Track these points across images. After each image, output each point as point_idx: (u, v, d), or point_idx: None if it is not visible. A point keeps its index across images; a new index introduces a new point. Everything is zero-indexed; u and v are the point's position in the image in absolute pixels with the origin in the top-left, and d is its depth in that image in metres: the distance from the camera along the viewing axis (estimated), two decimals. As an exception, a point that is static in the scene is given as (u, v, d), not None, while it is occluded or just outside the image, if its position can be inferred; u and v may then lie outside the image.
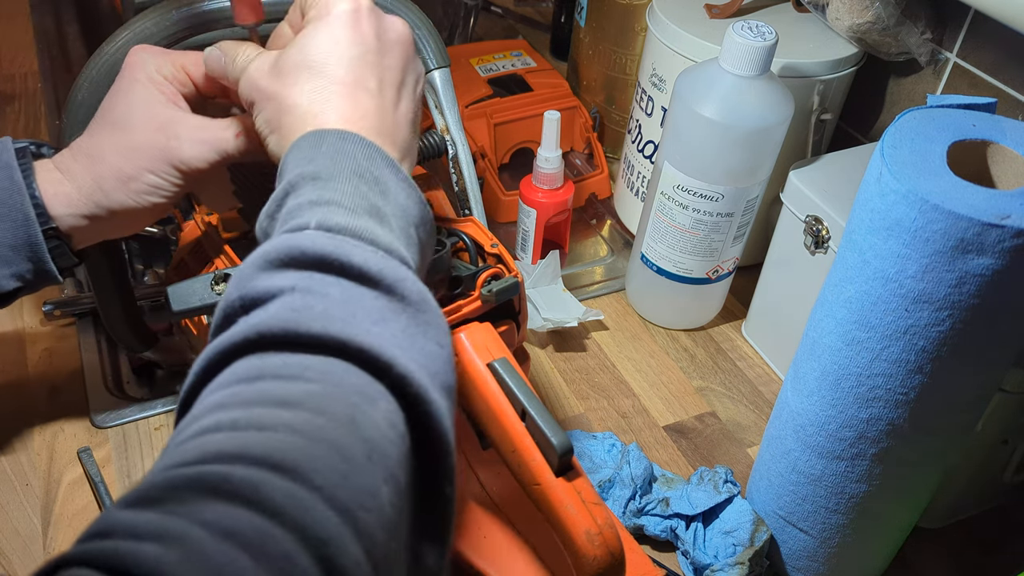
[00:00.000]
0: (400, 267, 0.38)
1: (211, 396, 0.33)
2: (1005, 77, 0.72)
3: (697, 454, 0.72)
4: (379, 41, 0.46)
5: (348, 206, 0.39)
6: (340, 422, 0.32)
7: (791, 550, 0.62)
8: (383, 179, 0.42)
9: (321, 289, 0.36)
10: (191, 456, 0.30)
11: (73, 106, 0.56)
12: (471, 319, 0.54)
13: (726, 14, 0.79)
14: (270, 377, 0.33)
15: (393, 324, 0.36)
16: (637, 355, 0.81)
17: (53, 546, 0.61)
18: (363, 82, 0.44)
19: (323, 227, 0.38)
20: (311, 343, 0.34)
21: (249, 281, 0.37)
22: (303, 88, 0.44)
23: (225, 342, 0.34)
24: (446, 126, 0.67)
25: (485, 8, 1.23)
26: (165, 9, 0.56)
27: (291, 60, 0.45)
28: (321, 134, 0.42)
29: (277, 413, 0.31)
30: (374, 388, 0.34)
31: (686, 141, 0.71)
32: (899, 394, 0.50)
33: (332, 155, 0.41)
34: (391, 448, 0.33)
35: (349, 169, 0.41)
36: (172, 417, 0.70)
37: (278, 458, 0.29)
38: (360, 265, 0.37)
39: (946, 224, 0.43)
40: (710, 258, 0.77)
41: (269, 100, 0.45)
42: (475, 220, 0.61)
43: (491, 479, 0.60)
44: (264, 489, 0.28)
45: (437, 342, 0.38)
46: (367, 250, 0.38)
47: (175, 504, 0.27)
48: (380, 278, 0.37)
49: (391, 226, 0.40)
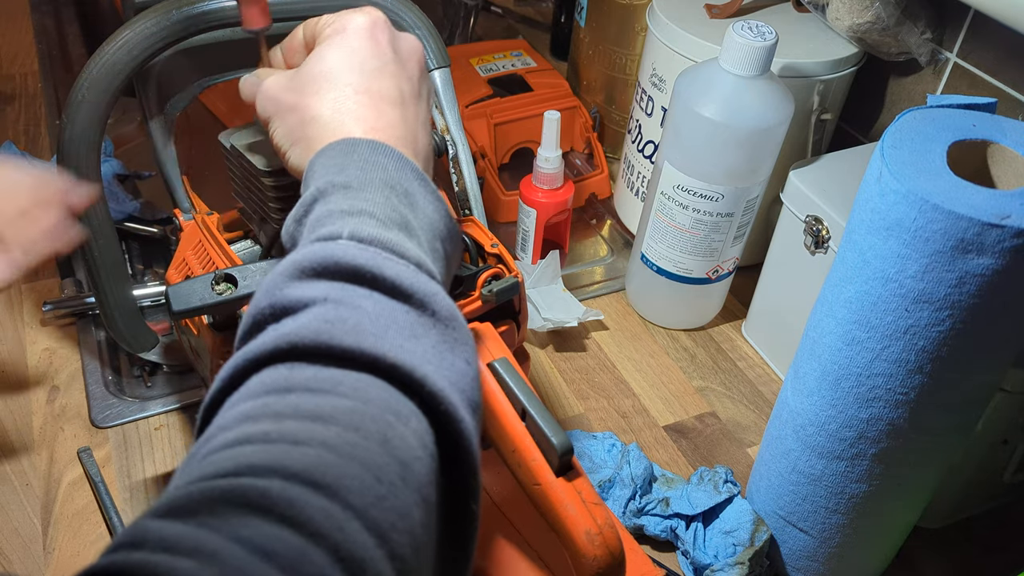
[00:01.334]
0: (430, 282, 0.38)
1: (240, 406, 0.32)
2: (1005, 77, 0.72)
3: (697, 454, 0.72)
4: (396, 53, 0.46)
5: (380, 217, 0.39)
6: (374, 440, 0.31)
7: (791, 550, 0.62)
8: (412, 191, 0.41)
9: (354, 301, 0.35)
10: (225, 467, 0.29)
11: (73, 106, 0.56)
12: (471, 319, 0.54)
13: (726, 14, 0.79)
14: (301, 390, 0.32)
15: (424, 340, 0.36)
16: (637, 355, 0.81)
17: (53, 546, 0.61)
18: (385, 92, 0.45)
19: (356, 238, 0.38)
20: (343, 356, 0.33)
21: (280, 289, 0.36)
22: (325, 98, 0.44)
23: (254, 350, 0.34)
24: (446, 126, 0.66)
25: (485, 8, 1.23)
26: (165, 9, 0.56)
27: (311, 72, 0.45)
28: (352, 143, 0.42)
29: (311, 427, 0.31)
30: (406, 406, 0.34)
31: (686, 141, 0.71)
32: (899, 394, 0.50)
33: (363, 165, 0.41)
34: (422, 467, 0.32)
35: (380, 180, 0.40)
36: (172, 417, 0.70)
37: (315, 475, 0.29)
38: (393, 279, 0.36)
39: (946, 224, 0.43)
40: (710, 258, 0.77)
41: (290, 111, 0.45)
42: (475, 220, 0.61)
43: (491, 479, 0.60)
44: (302, 507, 0.27)
45: (465, 359, 0.37)
46: (399, 263, 0.37)
47: (210, 517, 0.27)
48: (412, 292, 0.37)
49: (419, 239, 0.40)
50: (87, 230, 0.60)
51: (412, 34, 0.49)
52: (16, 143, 0.92)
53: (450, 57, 0.66)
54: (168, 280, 0.64)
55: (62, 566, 0.60)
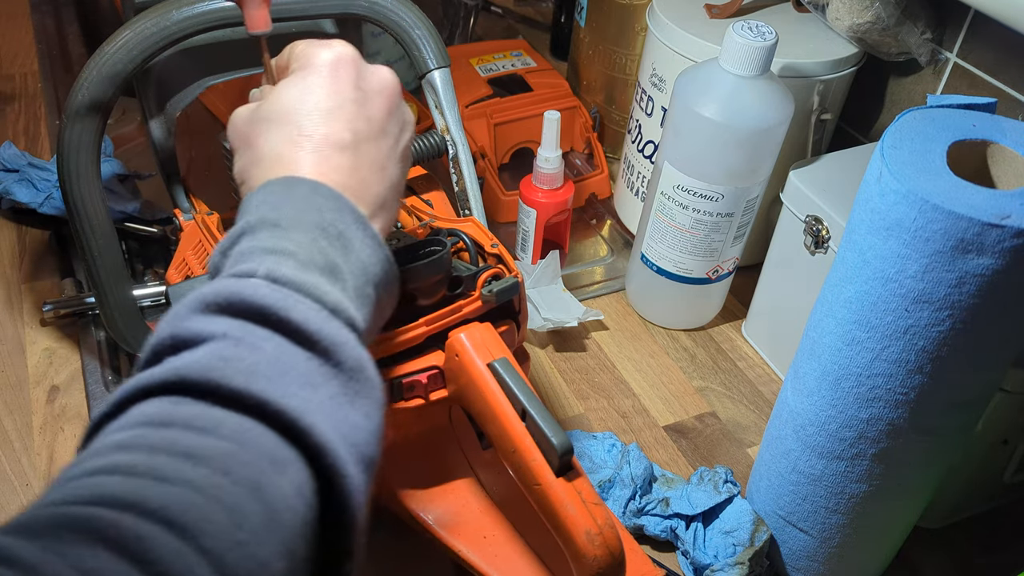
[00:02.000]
0: (342, 329, 0.37)
1: (116, 434, 0.32)
2: (1005, 77, 0.72)
3: (697, 454, 0.72)
4: (358, 91, 0.45)
5: (302, 259, 0.38)
6: (244, 486, 0.30)
7: (791, 550, 0.62)
8: (348, 235, 0.41)
9: (254, 342, 0.35)
10: (83, 495, 0.28)
11: (73, 106, 0.56)
12: (471, 319, 0.55)
13: (726, 14, 0.79)
14: (180, 426, 0.32)
15: (322, 390, 0.35)
16: (637, 355, 0.81)
17: (53, 546, 0.61)
18: (335, 136, 0.43)
19: (270, 277, 0.37)
20: (230, 397, 0.33)
21: (183, 321, 0.35)
22: (271, 139, 0.43)
23: (145, 379, 0.33)
24: (446, 126, 0.67)
25: (485, 8, 1.23)
26: (165, 9, 0.56)
27: (268, 109, 0.44)
28: (292, 182, 0.41)
29: (180, 466, 0.30)
30: (286, 454, 0.33)
31: (686, 141, 0.71)
32: (899, 394, 0.50)
33: (297, 204, 0.40)
34: (293, 518, 0.31)
35: (312, 222, 0.40)
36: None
37: (172, 513, 0.28)
38: (299, 323, 0.36)
39: (946, 224, 0.43)
40: (710, 258, 0.77)
41: (245, 148, 0.45)
42: (475, 220, 0.61)
43: (491, 479, 0.60)
44: (152, 545, 0.27)
45: (365, 413, 0.36)
46: (311, 308, 0.37)
47: (55, 542, 0.26)
48: (318, 339, 0.36)
49: (345, 284, 0.39)
50: (87, 230, 0.60)
51: (386, 66, 0.47)
52: (16, 143, 0.92)
53: (450, 57, 0.66)
54: (168, 280, 0.64)
55: (62, 566, 0.60)
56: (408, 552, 0.62)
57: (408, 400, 0.54)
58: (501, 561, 0.56)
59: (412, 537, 0.60)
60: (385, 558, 0.62)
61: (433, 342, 0.54)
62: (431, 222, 0.62)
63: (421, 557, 0.62)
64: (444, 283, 0.55)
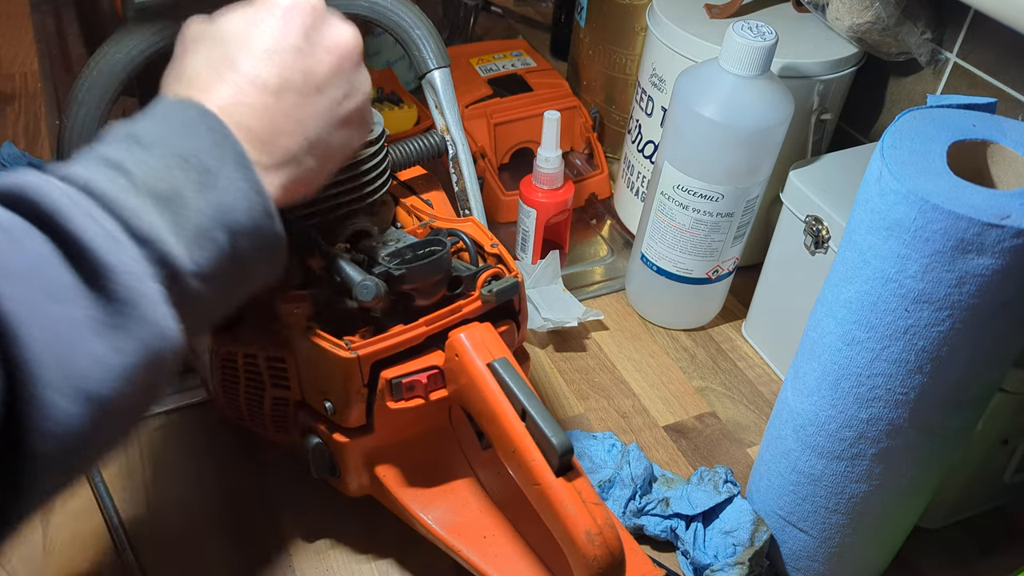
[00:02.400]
0: (136, 259, 0.35)
1: None
2: (1005, 77, 0.72)
3: (697, 454, 0.72)
4: (306, 42, 0.43)
5: (137, 180, 0.36)
6: None
7: (791, 550, 0.62)
8: (215, 172, 0.38)
9: (19, 238, 0.33)
10: None
11: (73, 106, 0.56)
12: (471, 319, 0.55)
13: (726, 14, 0.79)
14: None
15: (64, 307, 0.32)
16: (637, 355, 0.81)
17: (53, 546, 0.61)
18: (261, 76, 0.42)
19: (87, 189, 0.35)
20: None
21: None
22: (198, 58, 0.42)
23: None
24: (446, 126, 0.67)
25: (485, 8, 1.23)
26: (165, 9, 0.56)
27: (210, 30, 0.43)
28: (187, 105, 0.40)
29: None
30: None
31: (686, 141, 0.71)
32: (899, 394, 0.50)
33: (174, 128, 0.39)
34: None
35: (177, 148, 0.38)
36: (172, 417, 0.70)
37: None
38: (75, 235, 0.33)
39: (946, 224, 0.43)
40: (710, 258, 0.77)
41: (177, 60, 0.44)
42: (475, 220, 0.61)
43: (491, 479, 0.60)
44: None
45: (115, 347, 0.34)
46: (104, 226, 0.34)
47: None
48: (90, 257, 0.33)
49: (180, 218, 0.37)
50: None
51: (352, 27, 0.45)
52: (16, 143, 0.92)
53: (450, 57, 0.66)
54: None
55: (62, 566, 0.60)
56: (408, 552, 0.62)
57: (408, 400, 0.54)
58: (501, 561, 0.56)
59: (412, 537, 0.60)
60: (385, 558, 0.62)
61: (433, 342, 0.54)
62: (431, 222, 0.62)
63: (421, 557, 0.62)
64: (444, 283, 0.55)
